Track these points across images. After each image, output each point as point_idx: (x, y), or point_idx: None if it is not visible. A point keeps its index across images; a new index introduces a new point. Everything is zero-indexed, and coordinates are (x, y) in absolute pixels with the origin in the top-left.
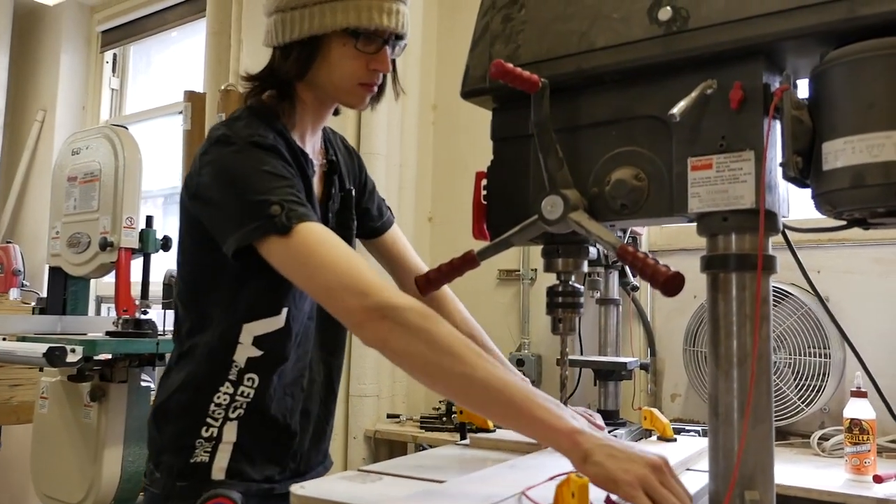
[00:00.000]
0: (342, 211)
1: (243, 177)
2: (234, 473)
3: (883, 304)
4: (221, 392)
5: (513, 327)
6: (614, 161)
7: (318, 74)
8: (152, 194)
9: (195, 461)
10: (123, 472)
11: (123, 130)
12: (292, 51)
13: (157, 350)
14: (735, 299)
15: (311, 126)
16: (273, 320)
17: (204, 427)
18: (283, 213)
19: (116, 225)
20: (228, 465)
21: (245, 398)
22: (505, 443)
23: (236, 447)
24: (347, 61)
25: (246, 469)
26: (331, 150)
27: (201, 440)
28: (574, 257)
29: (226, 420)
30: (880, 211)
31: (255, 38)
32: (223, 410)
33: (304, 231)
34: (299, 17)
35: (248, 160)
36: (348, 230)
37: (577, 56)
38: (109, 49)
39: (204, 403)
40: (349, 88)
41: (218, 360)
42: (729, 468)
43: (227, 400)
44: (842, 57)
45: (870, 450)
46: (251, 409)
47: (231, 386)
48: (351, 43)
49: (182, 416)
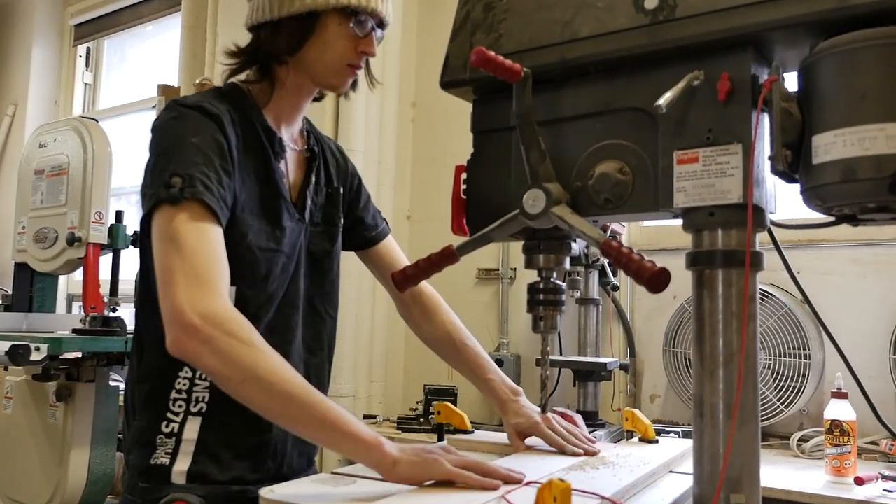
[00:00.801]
0: (328, 206)
1: (167, 147)
2: (195, 477)
3: (861, 305)
4: (181, 378)
5: (492, 327)
6: (598, 154)
7: (310, 52)
8: (126, 191)
9: (155, 462)
10: (90, 475)
11: (93, 122)
12: (284, 27)
13: (125, 349)
14: (721, 296)
15: (287, 109)
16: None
17: (164, 422)
18: (181, 185)
19: (84, 219)
20: (189, 469)
21: (204, 382)
22: (483, 444)
23: (199, 447)
24: (340, 41)
25: (210, 471)
26: (313, 142)
27: (162, 436)
28: (556, 253)
29: (187, 415)
30: (871, 206)
31: (231, 31)
32: (184, 402)
33: (188, 208)
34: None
35: (181, 128)
36: (333, 227)
37: (560, 46)
38: (83, 43)
39: (163, 393)
40: (338, 69)
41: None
42: (715, 471)
43: (187, 385)
44: (833, 47)
45: (850, 451)
46: (214, 400)
47: (188, 371)
48: (346, 22)
49: (143, 409)
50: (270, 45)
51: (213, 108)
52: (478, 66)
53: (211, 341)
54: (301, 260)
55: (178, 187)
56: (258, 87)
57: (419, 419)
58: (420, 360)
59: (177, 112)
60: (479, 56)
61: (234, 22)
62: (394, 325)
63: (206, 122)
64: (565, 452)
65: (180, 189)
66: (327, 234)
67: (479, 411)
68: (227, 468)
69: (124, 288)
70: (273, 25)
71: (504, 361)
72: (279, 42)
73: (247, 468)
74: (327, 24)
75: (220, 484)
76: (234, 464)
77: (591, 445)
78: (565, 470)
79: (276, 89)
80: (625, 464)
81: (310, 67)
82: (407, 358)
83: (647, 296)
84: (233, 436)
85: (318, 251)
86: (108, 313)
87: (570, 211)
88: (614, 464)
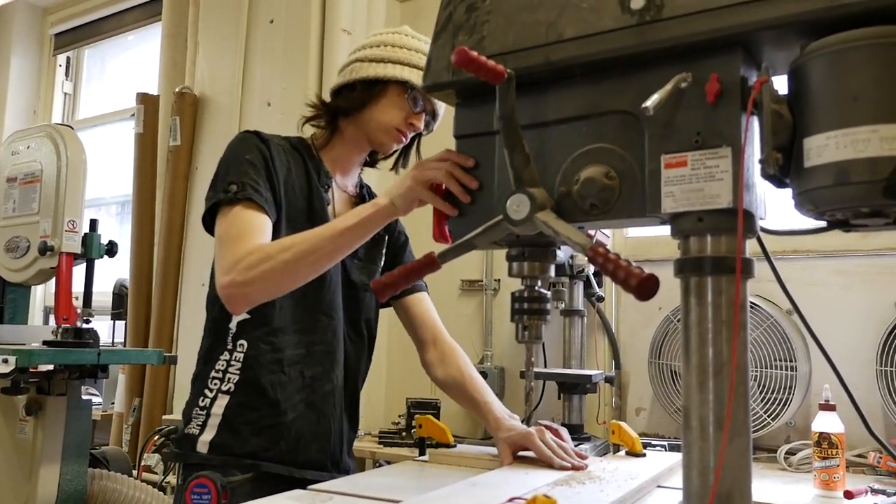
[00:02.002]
0: (372, 246)
1: (227, 160)
2: (216, 447)
3: (847, 316)
4: (221, 360)
5: (475, 339)
6: (584, 158)
7: (370, 111)
8: (105, 202)
9: (188, 431)
10: (60, 492)
11: (67, 129)
12: (356, 87)
13: (98, 361)
14: (711, 304)
15: (342, 156)
16: None
17: (202, 398)
18: (237, 190)
19: (58, 228)
20: (212, 440)
21: (237, 363)
22: (466, 458)
23: (223, 421)
24: (395, 109)
25: (229, 442)
26: (366, 195)
27: (198, 409)
28: (540, 261)
29: (218, 393)
30: (864, 211)
31: (211, 40)
32: (218, 381)
33: (241, 206)
34: (374, 66)
35: (240, 147)
36: (374, 264)
37: (545, 47)
38: (63, 52)
39: (206, 373)
40: (387, 129)
41: (220, 328)
42: (705, 486)
43: (224, 366)
44: (824, 48)
45: (839, 464)
46: (242, 381)
47: (227, 353)
48: (404, 94)
49: (192, 387)
50: (342, 100)
51: (265, 135)
52: (460, 67)
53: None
54: (338, 281)
55: (233, 192)
56: (321, 134)
57: (401, 433)
58: (402, 374)
59: (241, 136)
60: (461, 56)
61: (215, 30)
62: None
63: (258, 144)
64: (553, 466)
65: (234, 193)
66: (367, 270)
67: (463, 425)
68: (245, 443)
69: (99, 299)
70: (349, 87)
71: (488, 374)
72: (349, 98)
73: (261, 445)
74: (388, 91)
75: (236, 456)
76: (251, 439)
77: (578, 460)
78: (551, 485)
79: (335, 137)
80: (612, 479)
81: (366, 125)
82: (389, 372)
83: (632, 307)
84: (253, 415)
85: (358, 282)
86: (81, 325)
87: (555, 216)
88: (601, 478)
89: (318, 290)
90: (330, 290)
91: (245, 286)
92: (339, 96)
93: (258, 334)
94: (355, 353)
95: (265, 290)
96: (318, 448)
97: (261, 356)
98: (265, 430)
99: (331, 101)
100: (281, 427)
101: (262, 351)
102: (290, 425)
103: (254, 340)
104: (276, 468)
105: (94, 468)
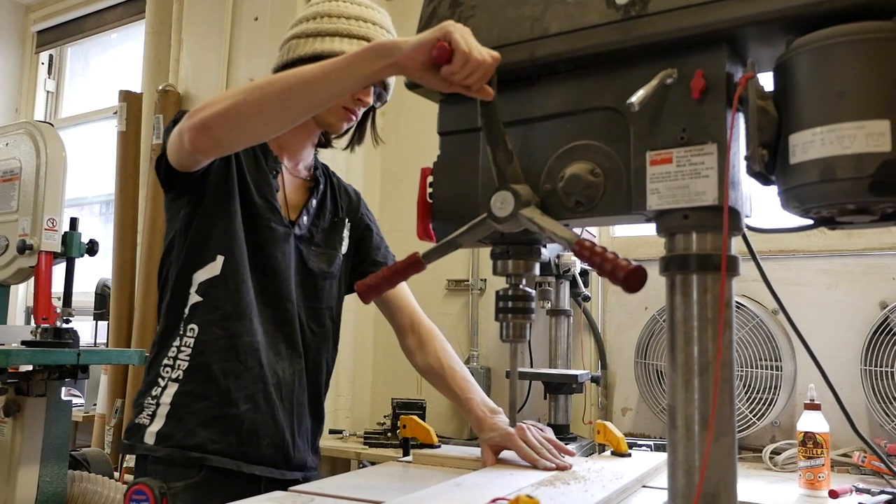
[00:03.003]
0: (331, 232)
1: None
2: (161, 438)
3: (831, 316)
4: (172, 346)
5: (461, 339)
6: (568, 155)
7: None
8: (88, 201)
9: (138, 421)
10: (39, 494)
11: (47, 126)
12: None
13: (77, 361)
14: (696, 302)
15: (290, 141)
16: (211, 266)
17: (155, 386)
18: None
19: (37, 227)
20: (159, 431)
21: (187, 349)
22: (450, 459)
23: (171, 411)
24: None
25: (175, 434)
26: (320, 177)
27: (149, 398)
28: (525, 258)
29: (169, 381)
30: (850, 208)
31: (195, 37)
32: (170, 369)
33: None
34: (311, 42)
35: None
36: (334, 251)
37: (529, 43)
38: (45, 49)
39: (160, 360)
40: (334, 109)
41: (172, 314)
42: (690, 485)
43: (175, 353)
44: (810, 43)
45: (824, 464)
46: (191, 368)
47: (179, 338)
48: None
49: (146, 376)
50: None
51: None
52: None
53: (204, 108)
54: (294, 268)
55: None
56: None
57: (387, 434)
58: (388, 374)
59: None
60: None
61: (199, 27)
62: (361, 339)
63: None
64: (537, 466)
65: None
66: (325, 257)
67: (449, 425)
68: (191, 434)
69: (81, 300)
70: (286, 67)
71: (474, 374)
72: None
73: (209, 437)
74: None
75: (181, 448)
76: (198, 431)
77: (562, 460)
78: (534, 486)
79: None
80: (597, 479)
81: None
82: (375, 372)
83: (618, 307)
84: (201, 404)
85: (316, 270)
86: (61, 325)
87: (540, 213)
88: (586, 479)
89: (272, 276)
90: (285, 277)
91: (209, 120)
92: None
93: (211, 318)
94: (316, 344)
95: (229, 123)
96: (269, 443)
97: (213, 342)
98: (213, 420)
99: None
100: (231, 419)
101: (215, 336)
102: (243, 417)
103: (206, 325)
104: (225, 462)
105: (75, 470)
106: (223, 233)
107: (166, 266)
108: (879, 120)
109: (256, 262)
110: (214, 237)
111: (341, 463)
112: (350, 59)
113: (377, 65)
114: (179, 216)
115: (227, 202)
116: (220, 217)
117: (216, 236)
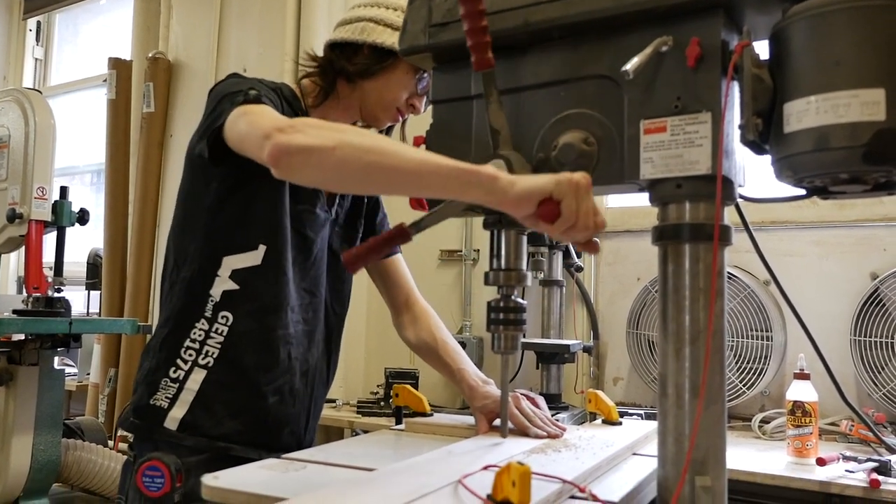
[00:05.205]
0: (352, 212)
1: (231, 86)
2: (186, 426)
3: (823, 286)
4: (197, 328)
5: (454, 309)
6: (562, 124)
7: (374, 82)
8: (78, 170)
9: (154, 403)
10: (34, 462)
11: (35, 94)
12: (363, 50)
13: (69, 330)
14: (688, 272)
15: (332, 118)
16: (250, 255)
17: (173, 367)
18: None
19: (26, 195)
20: (183, 417)
21: (219, 337)
22: (442, 427)
23: (198, 398)
24: (401, 87)
25: (202, 423)
26: None
27: (167, 380)
28: (517, 227)
29: (195, 365)
30: (843, 178)
31: (185, 4)
32: (194, 353)
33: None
34: (389, 32)
35: (239, 79)
36: (354, 231)
37: (523, 9)
38: (33, 16)
39: (179, 339)
40: (387, 106)
41: (195, 292)
42: (680, 452)
43: (202, 337)
44: (806, 11)
45: (812, 432)
46: (223, 357)
47: (206, 322)
48: (413, 75)
49: (158, 350)
50: (347, 62)
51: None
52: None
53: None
54: (324, 251)
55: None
56: (313, 89)
57: (380, 403)
58: (381, 344)
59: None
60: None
61: None
62: (355, 309)
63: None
64: (528, 434)
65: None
66: (347, 237)
67: (442, 394)
68: (219, 424)
69: (74, 269)
70: (355, 47)
71: (466, 344)
72: (356, 62)
73: (236, 428)
74: (398, 68)
75: (208, 437)
76: (226, 421)
77: (554, 428)
78: (526, 453)
79: (329, 99)
80: (587, 446)
81: (367, 96)
82: (368, 342)
83: (611, 277)
84: (230, 395)
85: (339, 250)
86: (53, 294)
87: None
88: (577, 446)
89: (311, 265)
90: (316, 263)
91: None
92: (340, 53)
93: (248, 309)
94: (338, 326)
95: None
96: (289, 431)
97: (247, 334)
98: (242, 412)
99: (333, 58)
100: (258, 411)
101: (250, 329)
102: (269, 409)
103: (241, 316)
104: (249, 452)
105: (69, 438)
106: (267, 221)
107: (187, 235)
108: (874, 89)
109: (298, 249)
110: (257, 224)
111: (334, 431)
112: (453, 173)
113: (477, 195)
114: (211, 188)
115: (275, 189)
116: (265, 204)
117: (259, 224)
